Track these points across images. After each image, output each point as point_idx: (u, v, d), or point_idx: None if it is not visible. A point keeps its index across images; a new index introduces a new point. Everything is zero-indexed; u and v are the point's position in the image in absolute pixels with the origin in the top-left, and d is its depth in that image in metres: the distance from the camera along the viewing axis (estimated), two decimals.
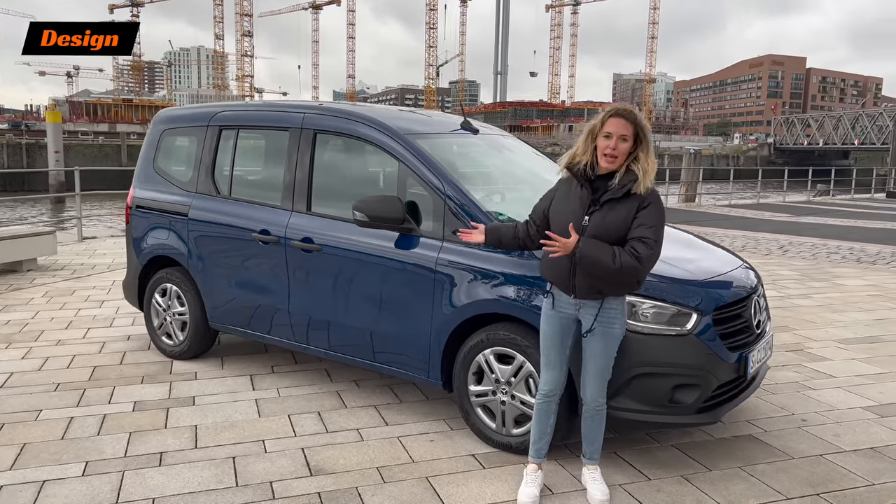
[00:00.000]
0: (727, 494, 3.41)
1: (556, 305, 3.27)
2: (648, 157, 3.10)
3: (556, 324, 3.28)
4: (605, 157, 3.09)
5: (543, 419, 3.39)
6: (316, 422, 4.24)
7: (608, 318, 3.20)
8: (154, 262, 5.47)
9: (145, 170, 5.60)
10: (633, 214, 3.06)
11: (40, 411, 4.35)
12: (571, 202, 3.16)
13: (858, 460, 3.81)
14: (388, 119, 4.47)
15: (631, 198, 3.07)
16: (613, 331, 3.22)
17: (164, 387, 4.80)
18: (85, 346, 5.73)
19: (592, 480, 3.39)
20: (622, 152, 3.07)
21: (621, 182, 3.08)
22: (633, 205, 3.06)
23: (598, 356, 3.24)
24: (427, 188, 4.09)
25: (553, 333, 3.29)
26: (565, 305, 3.23)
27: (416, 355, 4.12)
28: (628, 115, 3.10)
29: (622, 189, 3.08)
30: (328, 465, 3.67)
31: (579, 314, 3.23)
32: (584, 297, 3.17)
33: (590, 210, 3.10)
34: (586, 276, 3.10)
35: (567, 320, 3.25)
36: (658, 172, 3.34)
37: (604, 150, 3.09)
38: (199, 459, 3.72)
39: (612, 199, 3.08)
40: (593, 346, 3.23)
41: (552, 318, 3.29)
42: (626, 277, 3.07)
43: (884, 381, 5.12)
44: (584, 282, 3.12)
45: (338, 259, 4.36)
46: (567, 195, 3.20)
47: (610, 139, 3.07)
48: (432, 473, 3.59)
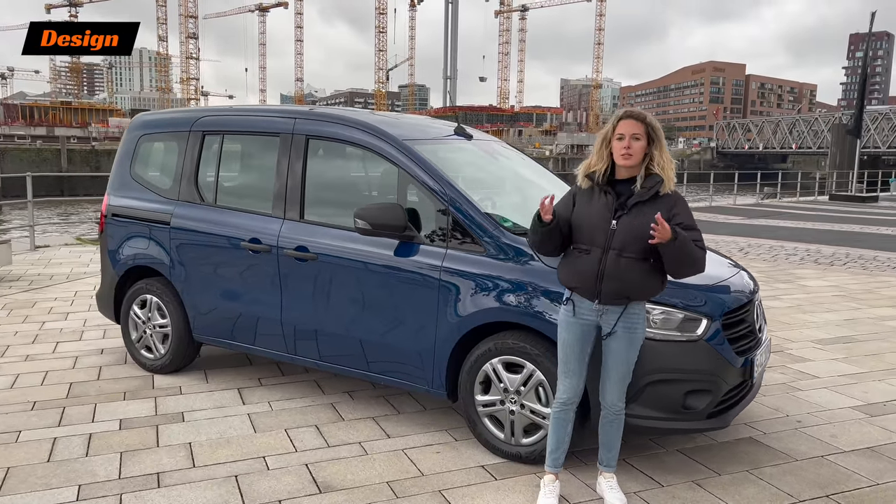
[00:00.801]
0: (740, 499, 3.43)
1: (576, 313, 3.23)
2: (663, 154, 3.11)
3: (577, 331, 3.24)
4: (621, 157, 3.09)
5: (560, 428, 3.35)
6: (315, 436, 4.12)
7: (631, 322, 3.19)
8: (132, 273, 5.25)
9: (121, 177, 5.38)
10: (667, 217, 3.03)
11: (19, 432, 4.12)
12: (597, 208, 3.13)
13: (859, 461, 3.88)
14: (385, 125, 4.39)
15: (658, 200, 3.08)
16: (636, 335, 3.21)
17: (148, 403, 4.61)
18: (56, 361, 5.47)
19: (610, 489, 3.36)
20: (637, 150, 3.07)
21: (646, 185, 3.08)
22: (662, 208, 3.05)
23: (620, 361, 3.22)
24: (429, 195, 4.02)
25: (573, 341, 3.25)
26: (587, 312, 3.20)
27: (418, 365, 4.04)
28: (637, 116, 3.12)
29: (650, 191, 3.08)
30: (336, 482, 3.56)
31: (601, 320, 3.20)
32: (609, 303, 3.14)
33: (617, 214, 3.09)
34: (615, 280, 3.08)
35: (588, 327, 3.23)
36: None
37: (619, 150, 3.09)
38: (199, 479, 3.57)
39: (641, 202, 3.08)
40: (616, 351, 3.20)
41: (573, 326, 3.25)
42: (692, 272, 3.12)
43: (865, 380, 5.25)
44: (611, 287, 3.10)
45: (335, 268, 4.25)
46: (590, 202, 3.17)
47: (623, 140, 3.08)
48: (444, 487, 3.52)
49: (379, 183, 4.44)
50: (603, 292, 3.12)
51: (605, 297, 3.13)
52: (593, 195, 3.18)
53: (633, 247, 3.04)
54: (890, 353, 5.97)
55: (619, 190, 3.15)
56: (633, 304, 3.18)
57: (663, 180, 3.08)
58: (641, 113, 3.16)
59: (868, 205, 25.89)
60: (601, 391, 3.33)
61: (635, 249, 3.05)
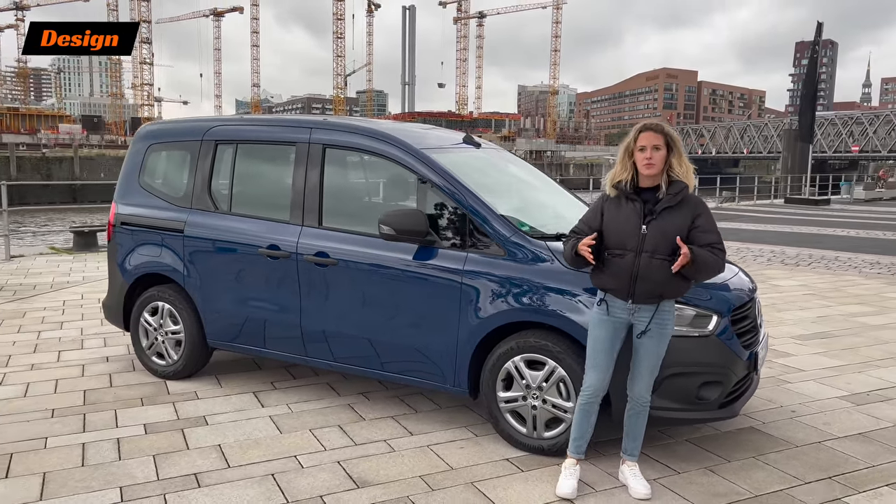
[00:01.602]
0: (752, 482, 3.69)
1: (610, 312, 3.47)
2: (682, 161, 3.39)
3: (610, 328, 3.48)
4: (644, 167, 3.35)
5: (585, 419, 3.58)
6: (340, 435, 4.26)
7: (663, 319, 3.44)
8: (141, 281, 5.32)
9: (129, 185, 5.44)
10: (690, 222, 3.33)
11: (46, 439, 4.17)
12: (626, 215, 3.37)
13: (853, 445, 4.18)
14: (400, 134, 4.56)
15: (685, 205, 3.34)
16: (667, 331, 3.46)
17: (167, 408, 4.69)
18: (63, 369, 5.49)
19: (634, 476, 3.59)
20: (658, 159, 3.34)
21: (672, 191, 3.34)
22: (687, 212, 3.35)
23: (651, 355, 3.47)
24: (449, 201, 4.20)
25: (605, 337, 3.48)
26: (620, 311, 3.44)
27: (441, 365, 4.21)
28: (656, 127, 3.39)
29: (677, 197, 3.34)
30: (371, 477, 3.71)
31: (632, 318, 3.44)
32: (642, 302, 3.38)
33: (647, 220, 3.34)
34: (648, 280, 3.33)
35: (620, 325, 3.46)
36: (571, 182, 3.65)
37: (642, 161, 3.35)
38: (237, 478, 3.69)
39: (669, 208, 3.33)
40: (647, 346, 3.44)
41: (605, 324, 3.49)
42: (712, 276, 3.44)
43: (846, 372, 5.60)
44: (645, 286, 3.34)
45: (356, 272, 4.40)
46: (619, 210, 3.41)
47: (645, 151, 3.34)
48: (475, 479, 3.70)
49: (396, 190, 4.60)
50: (637, 292, 3.37)
51: (639, 296, 3.38)
52: (621, 203, 3.42)
53: (663, 249, 3.29)
54: (864, 347, 6.35)
55: (645, 197, 3.41)
56: (665, 303, 3.43)
57: (688, 186, 3.35)
58: (659, 124, 3.42)
59: (821, 207, 26.90)
60: (630, 384, 3.56)
61: (665, 251, 3.30)
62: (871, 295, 8.91)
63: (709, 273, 3.37)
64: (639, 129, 3.43)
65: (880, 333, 6.86)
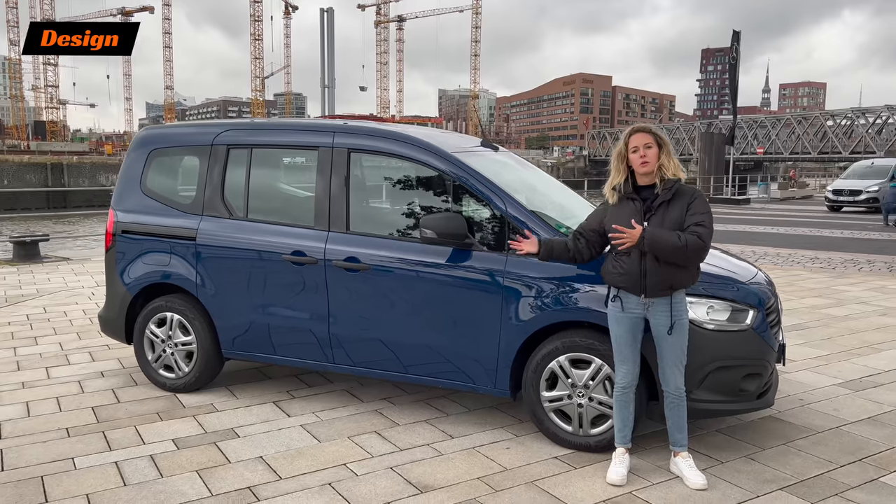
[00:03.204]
0: (793, 468, 3.88)
1: (625, 308, 3.64)
2: (671, 158, 3.61)
3: (627, 324, 3.65)
4: (641, 166, 3.58)
5: (625, 409, 3.73)
6: (381, 441, 4.23)
7: (678, 311, 3.62)
8: (146, 291, 5.11)
9: (130, 192, 5.21)
10: (685, 209, 3.56)
11: (72, 459, 3.97)
12: (627, 214, 3.60)
13: (867, 429, 4.45)
14: (430, 138, 4.57)
15: (680, 197, 3.57)
16: (684, 321, 3.64)
17: (189, 422, 4.53)
18: (59, 386, 5.21)
19: (689, 467, 3.71)
20: (652, 157, 3.57)
21: (666, 186, 3.57)
22: (682, 202, 3.58)
23: (675, 348, 3.63)
24: (486, 203, 4.24)
25: (624, 332, 3.66)
26: (634, 306, 3.62)
27: (481, 367, 4.24)
28: (643, 129, 3.65)
29: (670, 191, 3.56)
30: (431, 481, 3.71)
31: (647, 313, 3.61)
32: (654, 295, 3.56)
33: (646, 216, 3.56)
34: (656, 273, 3.51)
35: (636, 320, 3.64)
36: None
37: (637, 161, 3.59)
38: (295, 490, 3.61)
39: (665, 202, 3.56)
40: (669, 340, 3.60)
41: (622, 320, 3.66)
42: (693, 256, 3.54)
43: (833, 361, 5.94)
44: (654, 279, 3.53)
45: (390, 277, 4.37)
46: (620, 210, 3.64)
47: (638, 151, 3.58)
48: (534, 478, 3.75)
49: (426, 194, 4.59)
50: (648, 287, 3.56)
51: (651, 290, 3.57)
52: (622, 205, 3.65)
53: None
54: (839, 337, 6.75)
55: (644, 195, 3.64)
56: (677, 294, 3.61)
57: (679, 179, 3.60)
58: (646, 126, 3.70)
59: (743, 206, 28.31)
60: (662, 378, 3.70)
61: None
62: (823, 288, 9.45)
63: (672, 254, 3.47)
64: (628, 133, 3.68)
65: (848, 324, 7.30)
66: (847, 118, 77.13)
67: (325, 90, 30.38)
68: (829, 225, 19.51)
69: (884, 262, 11.96)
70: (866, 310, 8.03)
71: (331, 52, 27.63)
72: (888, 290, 9.37)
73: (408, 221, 4.52)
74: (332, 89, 31.82)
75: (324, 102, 23.50)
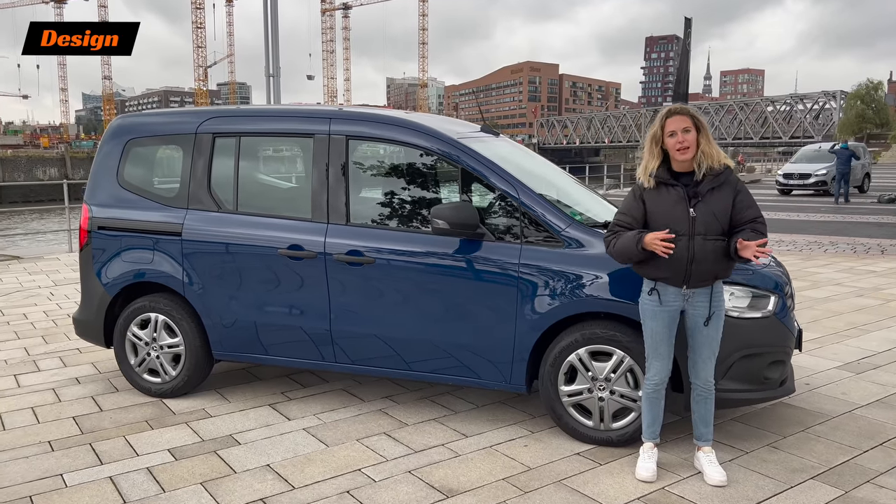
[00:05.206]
0: (817, 454, 3.82)
1: (662, 301, 3.46)
2: (711, 142, 3.41)
3: (665, 318, 3.47)
4: (679, 152, 3.36)
5: (655, 406, 3.59)
6: (393, 443, 4.02)
7: (718, 301, 3.47)
8: (126, 291, 4.78)
9: (106, 186, 4.85)
10: (732, 199, 3.38)
11: (61, 475, 3.65)
12: (670, 201, 3.38)
13: (879, 412, 4.44)
14: (434, 124, 4.36)
15: (726, 185, 3.38)
16: (721, 312, 3.50)
17: (182, 429, 4.24)
18: (32, 395, 4.85)
19: (709, 463, 3.60)
20: (692, 141, 3.35)
21: (714, 172, 3.37)
22: (728, 191, 3.39)
23: (712, 339, 3.49)
24: (499, 192, 4.05)
25: (661, 328, 3.48)
26: (672, 299, 3.44)
27: (495, 361, 4.06)
28: (682, 111, 3.42)
29: (720, 178, 3.37)
30: (454, 485, 3.52)
31: (686, 304, 3.45)
32: (697, 286, 3.39)
33: (692, 203, 3.35)
34: (704, 262, 3.33)
35: (674, 313, 3.47)
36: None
37: (675, 146, 3.36)
38: (312, 500, 3.38)
39: (713, 189, 3.36)
40: (708, 332, 3.46)
41: (660, 314, 3.48)
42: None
43: (826, 344, 5.96)
44: (701, 268, 3.35)
45: (397, 270, 4.16)
46: (661, 198, 3.41)
47: (676, 135, 3.35)
48: (561, 477, 3.60)
49: (432, 182, 4.37)
50: (693, 276, 3.37)
51: (695, 280, 3.38)
52: (660, 191, 3.42)
53: (714, 230, 3.34)
54: (825, 319, 6.80)
55: (685, 181, 3.41)
56: (717, 285, 3.46)
57: (730, 167, 3.41)
58: (684, 107, 3.45)
59: None
60: (693, 371, 3.57)
61: (716, 232, 3.34)
62: (796, 270, 9.56)
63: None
64: (664, 115, 3.43)
65: (829, 306, 7.37)
66: (786, 104, 79.42)
67: (269, 79, 29.52)
68: (784, 208, 19.91)
69: (846, 243, 12.22)
70: (843, 291, 8.13)
71: (275, 41, 26.81)
72: (857, 270, 9.55)
73: (413, 211, 4.30)
74: (278, 78, 31.00)
75: (269, 91, 22.79)
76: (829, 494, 3.39)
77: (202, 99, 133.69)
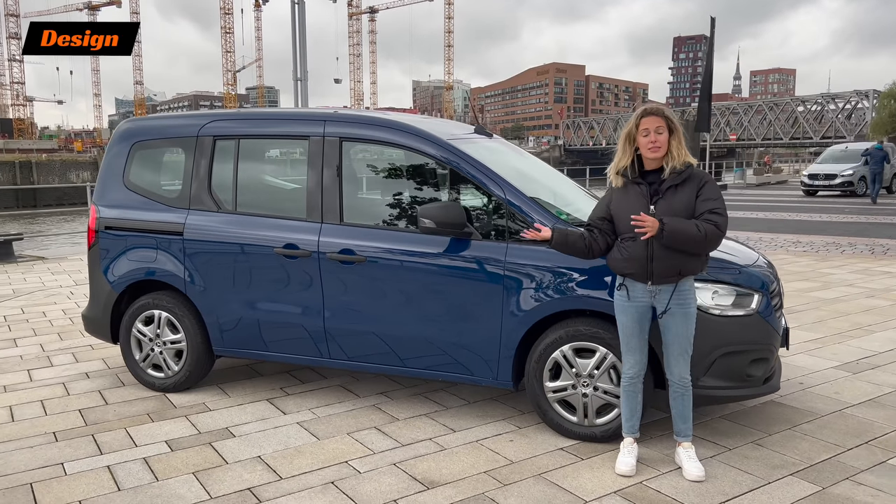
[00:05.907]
0: (800, 452, 3.85)
1: (631, 297, 3.55)
2: (681, 143, 3.48)
3: (634, 313, 3.55)
4: (650, 150, 3.44)
5: (633, 399, 3.67)
6: (382, 437, 4.13)
7: (683, 298, 3.51)
8: (131, 289, 4.95)
9: (112, 187, 5.04)
10: (696, 194, 3.43)
11: (62, 464, 3.81)
12: (632, 199, 3.48)
13: (869, 411, 4.44)
14: (424, 125, 4.45)
15: (689, 181, 3.44)
16: (690, 310, 3.54)
17: (181, 422, 4.39)
18: (43, 389, 5.04)
19: (688, 458, 3.64)
20: (663, 142, 3.43)
21: (676, 170, 3.43)
22: (692, 187, 3.45)
23: (679, 337, 3.54)
24: (485, 192, 4.14)
25: (631, 323, 3.56)
26: (640, 294, 3.52)
27: (482, 358, 4.15)
28: (656, 111, 3.50)
29: (682, 175, 3.43)
30: (437, 477, 3.61)
31: (654, 300, 3.52)
32: (661, 282, 3.46)
33: (653, 200, 3.44)
34: (665, 259, 3.40)
35: (643, 308, 3.54)
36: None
37: (647, 145, 3.44)
38: (297, 490, 3.50)
39: (673, 186, 3.43)
40: (674, 328, 3.51)
41: (629, 309, 3.56)
42: (710, 245, 3.43)
43: (827, 344, 5.95)
44: (662, 265, 3.41)
45: (387, 269, 4.26)
46: (625, 195, 3.52)
47: (649, 135, 3.43)
48: (542, 471, 3.67)
49: (422, 183, 4.47)
50: (655, 273, 3.45)
51: (658, 277, 3.46)
52: (627, 189, 3.52)
53: None
54: (831, 320, 6.77)
55: (650, 179, 3.50)
56: (683, 281, 3.51)
57: (692, 165, 3.46)
58: (659, 108, 3.54)
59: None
60: (667, 367, 3.63)
61: None
62: (809, 272, 9.50)
63: (692, 243, 3.36)
64: (639, 114, 3.52)
65: (837, 307, 7.32)
66: (817, 104, 78.08)
67: (297, 83, 29.81)
68: (807, 209, 19.70)
69: (864, 244, 12.07)
70: (854, 292, 8.07)
71: (303, 45, 27.08)
72: (872, 271, 9.45)
73: (404, 211, 4.41)
74: (305, 82, 31.24)
75: (296, 95, 23.07)
76: (806, 490, 3.42)
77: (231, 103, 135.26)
